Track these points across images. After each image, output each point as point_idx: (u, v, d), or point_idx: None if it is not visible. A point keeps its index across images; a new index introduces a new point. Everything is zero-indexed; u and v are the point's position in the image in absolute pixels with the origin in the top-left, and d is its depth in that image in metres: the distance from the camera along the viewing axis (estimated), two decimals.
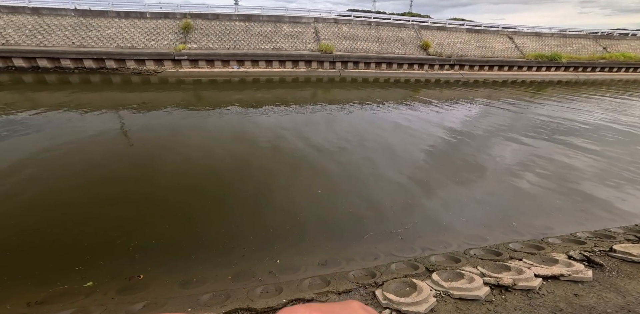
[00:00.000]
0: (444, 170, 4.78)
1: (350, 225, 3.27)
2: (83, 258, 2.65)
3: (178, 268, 2.58)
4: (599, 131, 7.46)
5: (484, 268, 2.22)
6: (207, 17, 16.41)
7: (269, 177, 4.29)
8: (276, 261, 2.70)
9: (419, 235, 3.14)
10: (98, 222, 3.16)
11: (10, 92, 9.03)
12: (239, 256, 2.74)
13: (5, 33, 13.01)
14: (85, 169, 4.29)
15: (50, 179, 3.98)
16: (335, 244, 2.97)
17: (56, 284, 2.34)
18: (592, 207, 3.81)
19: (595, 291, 1.88)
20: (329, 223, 3.30)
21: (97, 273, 2.47)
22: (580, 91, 14.30)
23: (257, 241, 2.94)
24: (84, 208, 3.39)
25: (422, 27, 20.31)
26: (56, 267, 2.54)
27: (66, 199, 3.55)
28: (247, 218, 3.30)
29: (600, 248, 2.49)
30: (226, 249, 2.82)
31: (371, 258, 2.75)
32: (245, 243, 2.91)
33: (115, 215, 3.29)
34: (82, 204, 3.46)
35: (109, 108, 7.73)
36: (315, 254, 2.81)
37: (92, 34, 14.09)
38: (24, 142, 5.21)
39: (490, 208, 3.72)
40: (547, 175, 4.72)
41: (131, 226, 3.11)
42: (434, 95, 11.96)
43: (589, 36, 23.50)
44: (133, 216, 3.31)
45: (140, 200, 3.64)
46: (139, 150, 5.27)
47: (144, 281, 2.41)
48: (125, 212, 3.35)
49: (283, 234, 3.06)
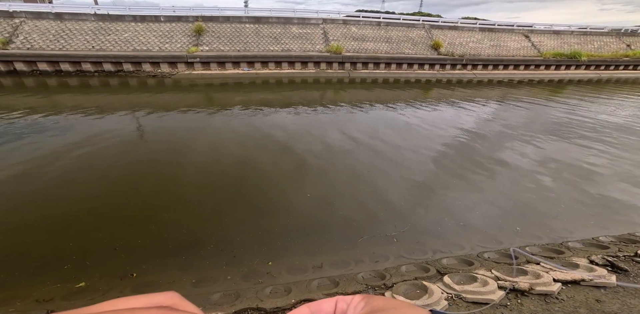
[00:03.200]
0: (455, 171, 4.66)
1: (359, 226, 3.24)
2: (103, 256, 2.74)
3: (190, 267, 2.62)
4: (622, 131, 7.11)
5: (498, 271, 2.15)
6: (218, 20, 16.74)
7: (283, 179, 4.31)
8: (287, 261, 2.70)
9: (431, 237, 3.07)
10: (116, 217, 3.26)
11: (36, 96, 9.48)
12: (248, 256, 2.76)
13: (30, 38, 13.70)
14: (104, 170, 4.45)
15: (78, 174, 4.15)
16: (343, 245, 2.95)
17: (69, 281, 2.43)
18: (615, 210, 3.63)
19: (619, 297, 1.78)
20: (336, 224, 3.28)
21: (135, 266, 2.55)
22: (603, 90, 13.68)
23: (264, 242, 2.96)
24: (105, 204, 3.51)
25: (433, 27, 19.98)
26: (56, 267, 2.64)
27: (99, 195, 3.69)
28: (258, 219, 3.33)
29: (625, 252, 2.36)
30: (239, 248, 2.85)
31: (382, 260, 2.71)
32: (249, 244, 2.93)
33: (124, 214, 3.39)
34: (105, 202, 3.58)
35: (128, 110, 8.00)
36: (325, 255, 2.80)
37: (110, 37, 14.64)
38: (39, 143, 5.45)
39: (505, 211, 3.60)
40: (565, 177, 4.53)
41: (144, 225, 3.19)
42: (445, 95, 11.73)
43: (612, 33, 22.48)
44: (144, 214, 3.39)
45: (158, 198, 3.74)
46: (153, 151, 5.42)
47: (157, 279, 2.46)
48: (130, 213, 3.45)
49: (294, 235, 3.07)
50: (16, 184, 3.87)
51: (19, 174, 4.12)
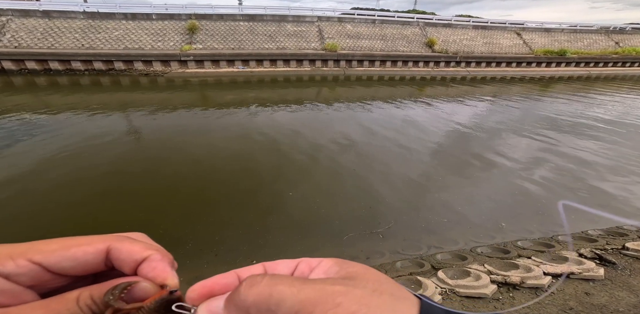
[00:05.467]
0: (450, 168, 4.72)
1: (355, 221, 3.26)
2: None
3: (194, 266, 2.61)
4: (613, 126, 7.26)
5: (491, 265, 2.19)
6: (212, 18, 16.53)
7: (268, 177, 4.30)
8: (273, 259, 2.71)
9: (425, 232, 3.11)
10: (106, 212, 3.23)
11: (25, 95, 9.26)
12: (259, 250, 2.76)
13: (18, 36, 13.36)
14: (95, 169, 4.39)
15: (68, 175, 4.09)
16: (333, 242, 2.96)
17: None
18: (604, 204, 3.72)
19: (607, 290, 1.83)
20: (322, 223, 3.30)
21: None
22: (593, 87, 13.93)
23: (247, 240, 2.96)
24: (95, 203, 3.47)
25: (428, 24, 20.06)
26: None
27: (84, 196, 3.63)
28: (239, 217, 3.32)
29: (613, 245, 2.42)
30: (221, 247, 2.85)
31: (377, 256, 2.74)
32: (232, 243, 2.93)
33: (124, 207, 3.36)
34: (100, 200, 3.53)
35: (119, 110, 7.87)
36: (320, 250, 2.82)
37: (100, 36, 14.36)
38: (39, 144, 5.35)
39: (497, 206, 3.66)
40: (555, 172, 4.62)
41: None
42: (439, 92, 11.81)
43: (601, 31, 22.86)
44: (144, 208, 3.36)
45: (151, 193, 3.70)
46: (148, 149, 5.36)
47: None
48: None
49: (294, 231, 3.07)
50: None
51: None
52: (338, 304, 0.20)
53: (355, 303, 0.20)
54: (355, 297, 0.21)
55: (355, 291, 0.21)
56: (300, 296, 0.20)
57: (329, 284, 0.22)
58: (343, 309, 0.20)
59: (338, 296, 0.20)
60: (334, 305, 0.20)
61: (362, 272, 0.24)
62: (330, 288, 0.21)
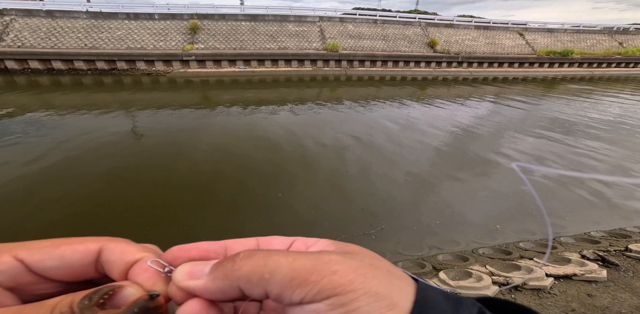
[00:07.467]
0: (450, 167, 4.70)
1: (354, 221, 3.25)
2: None
3: None
4: (614, 127, 7.22)
5: (492, 267, 2.18)
6: (214, 18, 16.57)
7: (266, 176, 4.31)
8: None
9: (427, 233, 3.10)
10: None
11: (27, 94, 9.32)
12: None
13: (21, 36, 13.44)
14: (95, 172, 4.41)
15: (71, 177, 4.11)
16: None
17: None
18: (606, 205, 3.70)
19: (610, 291, 1.82)
20: (322, 223, 3.30)
21: None
22: (596, 86, 13.85)
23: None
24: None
25: (429, 25, 20.01)
26: None
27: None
28: (230, 217, 3.33)
29: (616, 247, 2.41)
30: None
31: None
32: None
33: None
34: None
35: (122, 109, 7.90)
36: None
37: (103, 35, 14.42)
38: (40, 143, 5.38)
39: (501, 206, 3.65)
40: (557, 171, 4.59)
41: None
42: (440, 93, 11.78)
43: (604, 31, 22.72)
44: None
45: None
46: (151, 149, 5.38)
47: None
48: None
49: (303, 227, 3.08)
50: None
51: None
52: (334, 271, 0.19)
53: (352, 272, 0.20)
54: (351, 267, 0.20)
55: (352, 261, 0.21)
56: (295, 264, 0.20)
57: (326, 254, 0.21)
58: (339, 276, 0.19)
59: (334, 265, 0.20)
60: (330, 272, 0.19)
61: (359, 250, 0.24)
62: (327, 257, 0.21)
